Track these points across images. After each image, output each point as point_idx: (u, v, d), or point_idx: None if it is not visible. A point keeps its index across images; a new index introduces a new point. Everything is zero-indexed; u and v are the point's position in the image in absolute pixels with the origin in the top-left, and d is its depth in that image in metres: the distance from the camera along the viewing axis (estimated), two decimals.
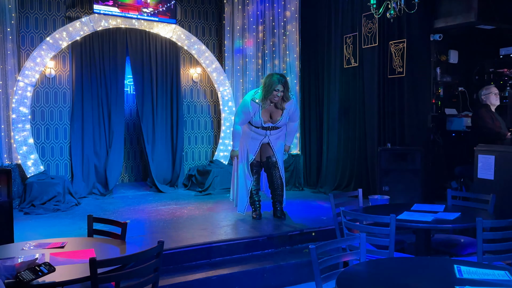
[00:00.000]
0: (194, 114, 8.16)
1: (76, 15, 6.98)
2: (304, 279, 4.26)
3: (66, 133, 7.05)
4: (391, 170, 5.93)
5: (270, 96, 4.87)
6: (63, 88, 7.04)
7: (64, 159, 7.06)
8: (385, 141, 6.44)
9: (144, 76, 7.45)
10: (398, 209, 3.60)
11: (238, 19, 7.84)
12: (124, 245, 2.82)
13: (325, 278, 2.39)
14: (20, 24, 6.62)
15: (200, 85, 8.17)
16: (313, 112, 7.87)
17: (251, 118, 5.01)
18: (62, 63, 7.02)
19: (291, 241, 4.72)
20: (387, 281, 2.21)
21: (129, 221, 5.10)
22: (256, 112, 4.97)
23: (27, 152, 6.42)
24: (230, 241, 4.44)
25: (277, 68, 7.74)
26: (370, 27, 6.70)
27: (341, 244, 2.90)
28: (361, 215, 3.46)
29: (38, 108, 6.88)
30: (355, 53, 6.99)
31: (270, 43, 7.81)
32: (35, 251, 2.66)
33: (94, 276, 2.15)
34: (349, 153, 7.11)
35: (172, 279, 3.82)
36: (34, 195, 6.02)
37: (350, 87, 7.12)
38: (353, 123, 7.08)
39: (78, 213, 5.74)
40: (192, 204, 6.31)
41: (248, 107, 4.95)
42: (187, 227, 5.00)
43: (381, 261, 2.56)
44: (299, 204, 6.30)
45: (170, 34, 7.53)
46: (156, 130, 7.54)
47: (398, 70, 6.35)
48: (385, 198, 5.63)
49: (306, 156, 7.91)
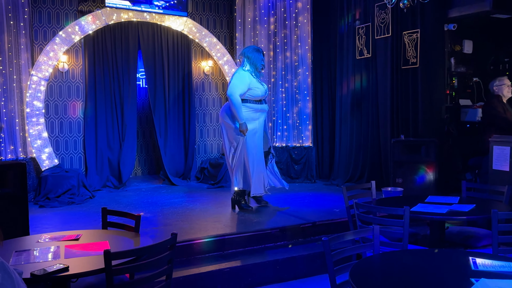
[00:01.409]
0: (206, 107, 8.16)
1: (88, 9, 7.01)
2: (317, 272, 4.25)
3: (80, 127, 7.11)
4: (404, 162, 5.87)
5: (259, 66, 5.19)
6: (76, 82, 7.09)
7: (78, 152, 7.13)
8: (399, 132, 6.38)
9: (156, 70, 7.47)
10: (412, 201, 3.57)
11: (249, 11, 7.81)
12: (138, 238, 2.84)
13: (338, 270, 2.38)
14: (33, 19, 6.67)
15: (211, 78, 8.17)
16: (326, 104, 7.83)
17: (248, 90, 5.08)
18: (75, 57, 7.06)
19: (304, 234, 4.72)
20: (401, 273, 2.19)
21: (142, 213, 5.17)
22: (253, 83, 5.12)
23: (41, 145, 6.49)
24: (243, 234, 4.45)
25: (288, 60, 7.70)
26: (383, 17, 6.63)
27: (354, 237, 2.88)
28: (375, 207, 3.43)
29: (52, 102, 6.94)
30: (368, 44, 6.92)
31: (282, 35, 7.77)
32: (50, 244, 2.69)
33: (108, 268, 2.17)
34: (362, 145, 7.07)
35: (185, 270, 3.84)
36: (49, 188, 6.09)
37: (363, 78, 7.06)
38: (366, 114, 7.02)
39: (93, 206, 5.80)
40: (205, 196, 6.34)
41: (246, 77, 5.08)
42: (200, 219, 5.02)
43: (394, 253, 2.54)
44: (312, 197, 6.29)
45: (182, 27, 7.52)
46: (168, 123, 7.57)
47: (412, 61, 6.28)
48: (398, 190, 5.59)
49: (318, 148, 7.88)
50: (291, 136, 7.76)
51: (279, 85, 7.78)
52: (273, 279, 4.10)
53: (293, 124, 7.75)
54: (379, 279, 2.19)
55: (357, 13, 7.11)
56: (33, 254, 2.49)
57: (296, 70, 7.69)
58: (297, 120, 7.72)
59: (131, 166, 7.34)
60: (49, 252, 2.53)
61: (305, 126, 7.67)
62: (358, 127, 7.13)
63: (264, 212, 5.26)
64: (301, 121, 7.68)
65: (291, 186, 7.16)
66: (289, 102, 7.75)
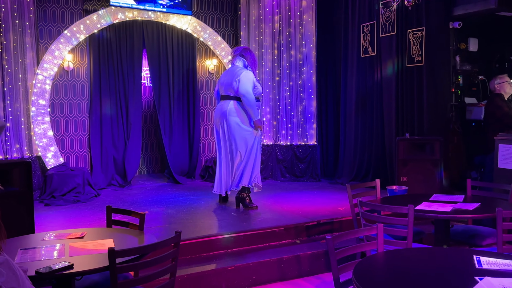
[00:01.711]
0: (210, 105, 8.17)
1: (93, 8, 7.03)
2: (321, 270, 4.26)
3: (85, 125, 7.14)
4: (409, 161, 5.85)
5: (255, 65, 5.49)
6: (81, 80, 7.11)
7: (83, 151, 7.16)
8: (403, 131, 6.36)
9: (161, 68, 7.49)
10: (416, 200, 3.57)
11: (254, 10, 7.81)
12: (142, 236, 2.85)
13: (342, 269, 2.38)
14: (38, 18, 6.70)
15: (216, 77, 8.17)
16: (330, 102, 7.82)
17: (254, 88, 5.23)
18: (80, 56, 7.09)
19: (308, 232, 4.72)
20: (404, 271, 2.19)
21: (147, 211, 5.18)
22: (255, 81, 5.27)
23: (47, 144, 6.53)
24: (247, 232, 4.45)
25: (293, 58, 7.69)
26: (388, 15, 6.60)
27: (358, 235, 2.88)
28: (379, 206, 3.43)
29: (57, 100, 6.97)
30: (373, 42, 6.90)
31: (286, 33, 7.76)
32: (55, 241, 2.70)
33: (112, 265, 2.18)
34: (367, 144, 7.05)
35: (189, 269, 3.85)
36: (54, 186, 6.12)
37: (367, 77, 7.05)
38: (370, 112, 7.01)
39: (98, 204, 5.82)
40: (209, 195, 6.34)
41: (251, 76, 5.24)
42: (204, 217, 5.03)
43: (398, 251, 2.54)
44: (316, 195, 6.28)
45: (186, 25, 7.53)
46: (173, 122, 7.59)
47: (417, 59, 6.26)
48: (403, 189, 5.57)
49: (323, 147, 7.88)
50: (295, 135, 7.76)
51: (283, 83, 7.77)
52: (278, 277, 4.10)
53: (298, 123, 7.74)
54: (382, 277, 2.19)
55: (361, 11, 7.09)
56: (39, 252, 2.50)
57: (300, 69, 7.69)
58: (301, 119, 7.71)
59: (136, 164, 7.36)
60: (54, 250, 2.54)
61: (310, 125, 7.66)
62: (363, 125, 7.12)
63: (268, 210, 5.26)
64: (305, 119, 7.67)
65: (295, 185, 7.18)
66: (294, 101, 7.74)
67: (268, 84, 7.87)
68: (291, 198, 6.04)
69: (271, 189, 6.73)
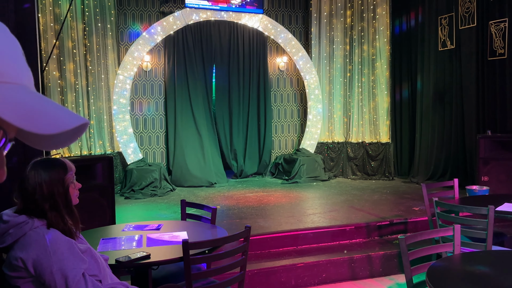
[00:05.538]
0: (280, 103, 8.20)
1: (169, 10, 7.31)
2: (393, 271, 4.14)
3: (162, 123, 7.45)
4: (491, 159, 5.52)
5: None
6: (159, 80, 7.43)
7: (160, 147, 7.48)
8: (485, 128, 6.02)
9: (232, 67, 7.63)
10: (498, 200, 3.37)
11: (325, 5, 7.73)
12: (214, 229, 2.93)
13: (415, 270, 2.31)
14: (118, 21, 7.08)
15: (286, 74, 8.19)
16: (405, 98, 7.57)
17: None
18: (157, 57, 7.41)
19: (380, 232, 4.60)
20: (482, 276, 2.08)
21: (219, 206, 5.32)
22: None
23: (127, 140, 6.89)
24: (317, 229, 4.43)
25: (365, 53, 7.52)
26: (468, 6, 6.26)
27: (433, 235, 2.77)
28: (456, 206, 3.27)
29: (137, 99, 7.33)
30: (451, 34, 6.58)
31: (359, 28, 7.60)
32: (134, 233, 2.86)
33: (186, 257, 2.27)
34: (445, 141, 6.75)
35: (259, 263, 3.91)
36: (134, 181, 6.46)
37: (445, 71, 6.74)
38: (449, 109, 6.69)
39: (173, 198, 6.06)
40: (279, 191, 6.39)
41: None
42: (274, 214, 5.07)
43: (476, 254, 2.41)
44: (389, 194, 6.11)
45: (257, 24, 7.62)
46: (243, 118, 7.71)
47: (499, 52, 5.88)
48: (484, 189, 5.27)
49: (396, 145, 7.64)
50: (367, 132, 7.59)
51: (355, 79, 7.63)
52: (348, 277, 4.05)
53: (370, 120, 7.56)
54: (458, 281, 2.09)
55: (439, 2, 6.78)
56: (119, 242, 2.66)
57: (373, 64, 7.50)
58: (373, 115, 7.52)
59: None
60: (133, 240, 2.69)
61: (383, 122, 7.46)
62: (441, 122, 6.81)
63: (339, 208, 5.20)
64: (378, 116, 7.48)
65: (367, 183, 7.02)
66: (366, 97, 7.57)
67: (339, 80, 7.76)
68: (362, 196, 5.93)
69: (341, 187, 6.64)
